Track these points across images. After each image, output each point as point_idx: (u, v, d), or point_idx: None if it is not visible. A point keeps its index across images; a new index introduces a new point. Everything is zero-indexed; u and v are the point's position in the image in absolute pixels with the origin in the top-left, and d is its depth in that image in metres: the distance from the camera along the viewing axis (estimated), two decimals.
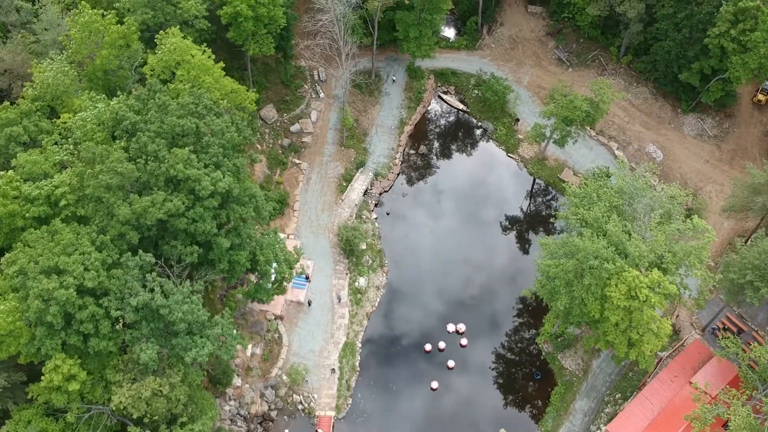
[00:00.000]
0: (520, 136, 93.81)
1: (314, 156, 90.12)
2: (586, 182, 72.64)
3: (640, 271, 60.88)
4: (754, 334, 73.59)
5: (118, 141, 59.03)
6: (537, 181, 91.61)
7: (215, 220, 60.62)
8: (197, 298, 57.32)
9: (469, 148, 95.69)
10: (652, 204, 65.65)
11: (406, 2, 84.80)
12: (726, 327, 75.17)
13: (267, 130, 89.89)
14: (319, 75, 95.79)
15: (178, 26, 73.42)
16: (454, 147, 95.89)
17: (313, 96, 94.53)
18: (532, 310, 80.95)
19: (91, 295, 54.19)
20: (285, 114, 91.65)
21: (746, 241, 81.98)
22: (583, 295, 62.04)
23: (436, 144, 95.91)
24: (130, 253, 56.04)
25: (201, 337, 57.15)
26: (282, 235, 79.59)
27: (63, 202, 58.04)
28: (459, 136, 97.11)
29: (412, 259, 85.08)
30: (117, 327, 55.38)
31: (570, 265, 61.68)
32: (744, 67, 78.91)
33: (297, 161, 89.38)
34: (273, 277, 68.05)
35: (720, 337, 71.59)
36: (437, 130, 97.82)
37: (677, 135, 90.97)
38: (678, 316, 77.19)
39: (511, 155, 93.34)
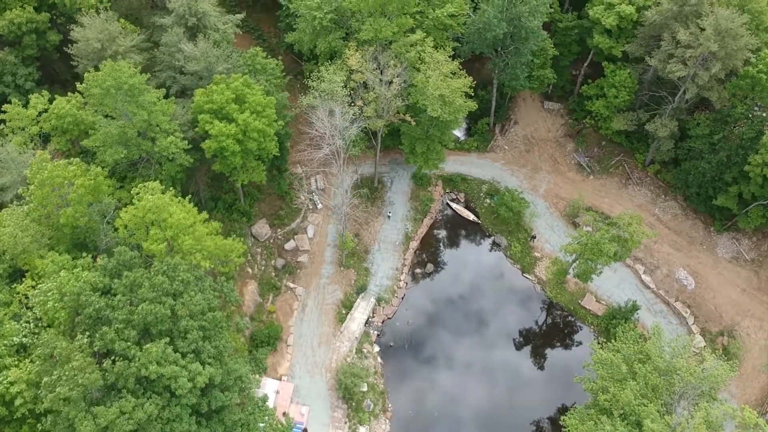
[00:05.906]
0: (537, 254, 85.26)
1: (311, 278, 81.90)
2: (613, 343, 64.59)
3: None
4: None
5: (80, 336, 51.08)
6: (555, 304, 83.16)
7: (194, 414, 53.35)
8: None
9: (480, 267, 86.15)
10: (692, 384, 58.04)
11: (413, 123, 76.07)
12: None
13: (259, 250, 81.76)
14: (316, 183, 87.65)
15: (159, 164, 66.21)
16: (464, 265, 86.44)
17: (310, 207, 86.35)
18: None
19: None
20: (279, 229, 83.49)
21: None
22: None
23: (444, 261, 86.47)
24: None
25: None
26: (274, 383, 71.93)
27: (19, 401, 51.32)
28: (469, 252, 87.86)
29: (418, 399, 76.92)
30: None
31: None
32: None
33: (292, 285, 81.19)
34: None
35: None
36: (446, 244, 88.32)
37: (710, 258, 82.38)
38: None
39: (527, 275, 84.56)
